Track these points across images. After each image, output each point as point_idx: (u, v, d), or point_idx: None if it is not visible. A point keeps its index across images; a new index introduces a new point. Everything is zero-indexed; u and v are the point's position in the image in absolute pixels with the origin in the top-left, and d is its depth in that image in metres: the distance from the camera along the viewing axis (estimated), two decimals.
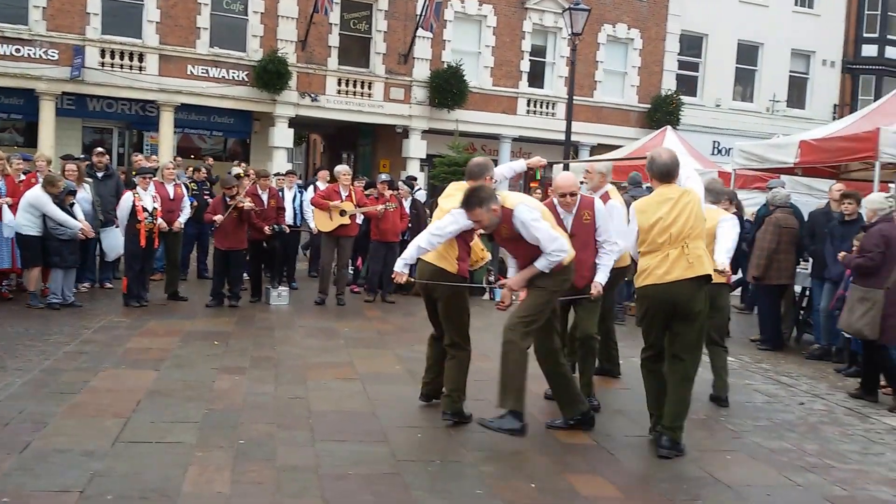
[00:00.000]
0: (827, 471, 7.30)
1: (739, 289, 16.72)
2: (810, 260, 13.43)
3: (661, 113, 35.39)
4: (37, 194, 12.90)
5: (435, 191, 24.70)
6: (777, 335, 13.54)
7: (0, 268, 13.32)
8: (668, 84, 37.02)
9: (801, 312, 14.37)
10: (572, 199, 8.31)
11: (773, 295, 13.34)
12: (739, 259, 14.00)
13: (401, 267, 7.95)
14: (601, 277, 8.39)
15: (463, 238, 8.17)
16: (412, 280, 8.19)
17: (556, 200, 8.36)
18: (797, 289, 14.03)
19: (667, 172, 7.59)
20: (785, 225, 13.00)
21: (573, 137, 24.03)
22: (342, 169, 15.78)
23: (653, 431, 7.79)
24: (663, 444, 7.42)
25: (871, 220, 10.35)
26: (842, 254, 10.82)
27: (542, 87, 35.65)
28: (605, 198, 8.99)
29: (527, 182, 25.64)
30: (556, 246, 7.37)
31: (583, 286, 8.32)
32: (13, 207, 13.14)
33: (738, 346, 13.46)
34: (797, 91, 40.32)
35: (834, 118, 35.55)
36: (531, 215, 7.38)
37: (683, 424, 7.54)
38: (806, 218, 13.57)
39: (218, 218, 13.91)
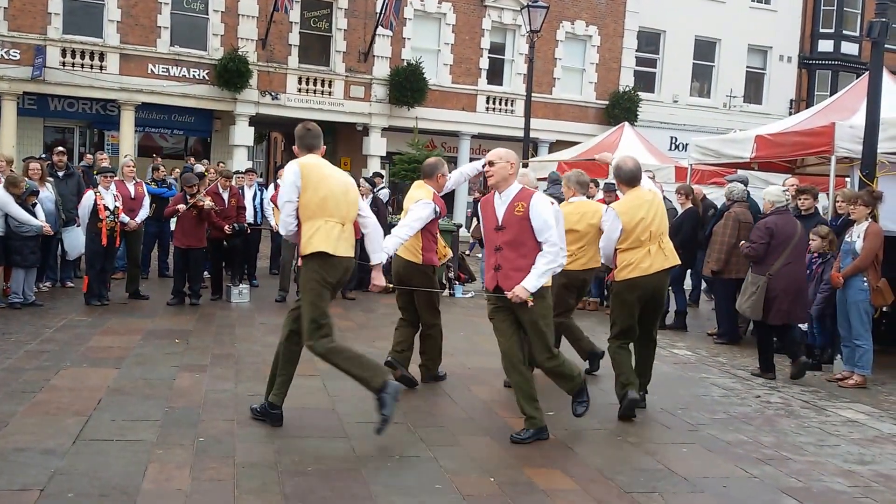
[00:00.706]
0: (783, 463, 7.39)
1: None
2: None
3: (620, 109, 35.62)
4: None
5: (396, 188, 24.74)
6: (734, 329, 13.66)
7: None
8: (627, 80, 37.27)
9: None
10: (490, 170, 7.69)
11: (731, 289, 13.41)
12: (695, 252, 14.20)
13: (382, 259, 8.05)
14: (530, 283, 7.39)
15: (428, 230, 8.76)
16: (390, 287, 8.95)
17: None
18: None
19: (633, 177, 8.56)
20: (743, 219, 13.08)
21: (532, 134, 24.11)
22: None
23: (639, 393, 8.66)
24: (644, 400, 8.80)
25: (767, 212, 11.29)
26: (742, 243, 11.64)
27: (501, 84, 35.85)
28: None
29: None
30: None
31: (509, 288, 7.51)
32: None
33: (695, 339, 13.59)
34: (754, 86, 40.69)
35: (790, 113, 35.85)
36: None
37: None
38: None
39: (181, 207, 13.88)
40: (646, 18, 37.40)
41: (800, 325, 11.82)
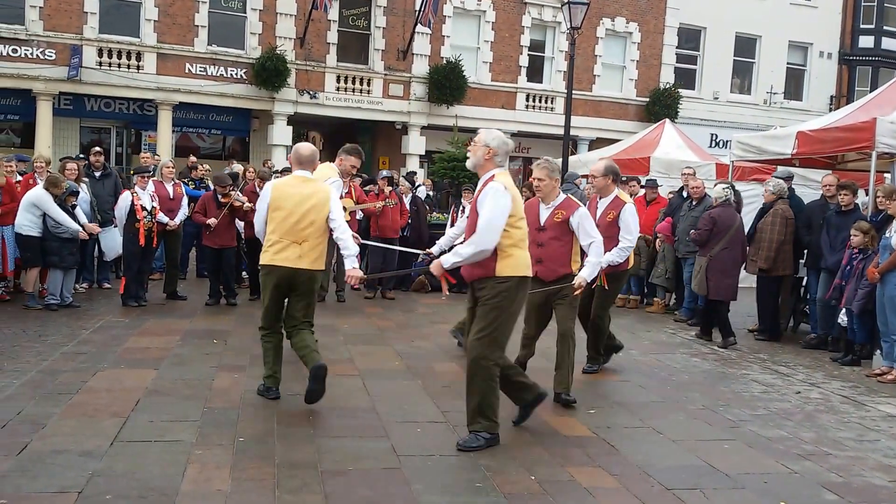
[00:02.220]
0: (823, 458, 7.34)
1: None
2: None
3: (660, 106, 35.35)
4: (38, 194, 12.88)
5: (436, 186, 24.65)
6: (776, 325, 13.59)
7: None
8: (667, 77, 37.03)
9: (798, 302, 14.36)
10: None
11: (776, 286, 13.35)
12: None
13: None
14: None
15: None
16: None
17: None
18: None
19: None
20: (789, 216, 13.10)
21: (572, 132, 23.92)
22: None
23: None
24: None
25: (714, 205, 13.11)
26: (692, 231, 13.55)
27: (540, 81, 35.66)
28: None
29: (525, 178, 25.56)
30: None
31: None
32: (11, 212, 13.09)
33: (737, 336, 13.47)
34: (794, 83, 40.30)
35: (831, 109, 35.54)
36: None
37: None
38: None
39: (212, 221, 13.88)
40: (686, 15, 37.11)
41: (840, 322, 11.89)
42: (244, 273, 15.70)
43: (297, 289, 8.18)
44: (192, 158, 19.37)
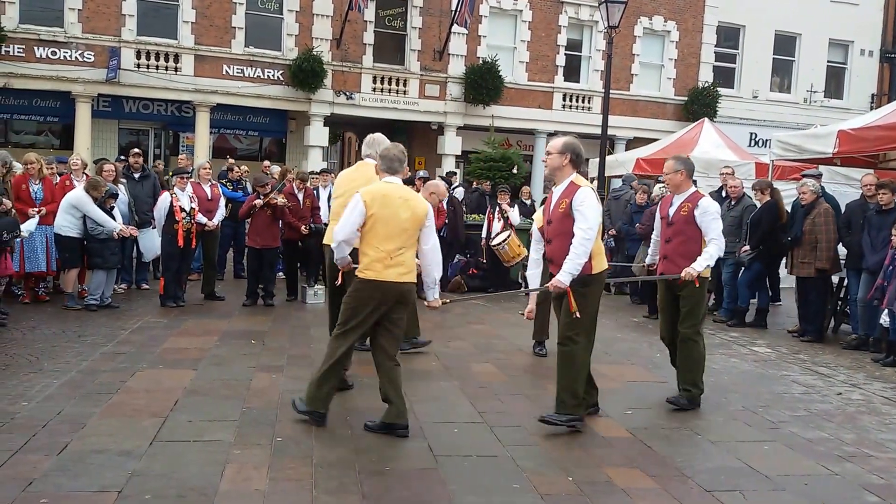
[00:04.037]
0: (865, 460, 7.29)
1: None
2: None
3: (699, 105, 35.09)
4: (78, 195, 12.98)
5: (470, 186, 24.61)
6: (820, 327, 13.49)
7: (36, 270, 13.39)
8: (705, 76, 36.72)
9: (838, 303, 14.25)
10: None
11: (823, 287, 13.31)
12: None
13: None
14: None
15: None
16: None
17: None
18: (833, 279, 13.92)
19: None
20: (833, 215, 13.12)
21: (609, 131, 23.77)
22: None
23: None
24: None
25: (655, 202, 13.88)
26: (638, 225, 14.83)
27: (578, 81, 35.46)
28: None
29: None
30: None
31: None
32: (51, 212, 13.21)
33: (776, 337, 13.46)
34: (835, 81, 39.87)
35: (872, 108, 35.23)
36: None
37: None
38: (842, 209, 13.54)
39: (258, 202, 13.93)
40: (725, 13, 36.81)
41: (882, 323, 11.79)
42: (280, 274, 15.74)
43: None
44: (230, 160, 19.41)
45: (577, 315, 7.51)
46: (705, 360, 8.94)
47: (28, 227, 12.68)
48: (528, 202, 19.32)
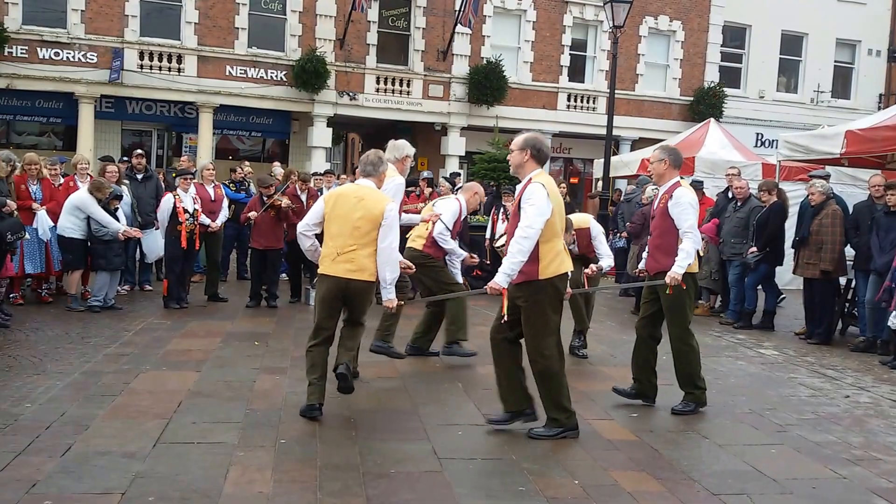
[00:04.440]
0: (873, 463, 7.25)
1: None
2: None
3: (704, 105, 34.96)
4: (82, 196, 12.97)
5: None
6: (828, 329, 13.43)
7: (33, 272, 13.34)
8: (711, 76, 36.61)
9: (846, 305, 14.19)
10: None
11: (831, 289, 13.28)
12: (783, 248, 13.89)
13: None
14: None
15: None
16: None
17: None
18: (841, 281, 13.86)
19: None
20: (841, 216, 13.04)
21: (614, 132, 23.69)
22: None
23: None
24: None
25: (645, 203, 15.26)
26: (628, 224, 16.00)
27: (582, 81, 35.39)
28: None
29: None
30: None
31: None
32: (50, 212, 13.18)
33: (783, 339, 13.42)
34: (842, 81, 39.66)
35: (879, 108, 35.13)
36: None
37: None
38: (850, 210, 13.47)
39: (252, 214, 13.92)
40: (731, 13, 36.68)
41: (890, 325, 11.66)
42: (284, 275, 15.71)
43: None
44: (238, 170, 19.19)
45: (506, 317, 7.39)
46: (700, 358, 8.83)
47: (42, 225, 12.91)
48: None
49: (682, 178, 8.83)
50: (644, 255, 9.35)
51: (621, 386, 8.92)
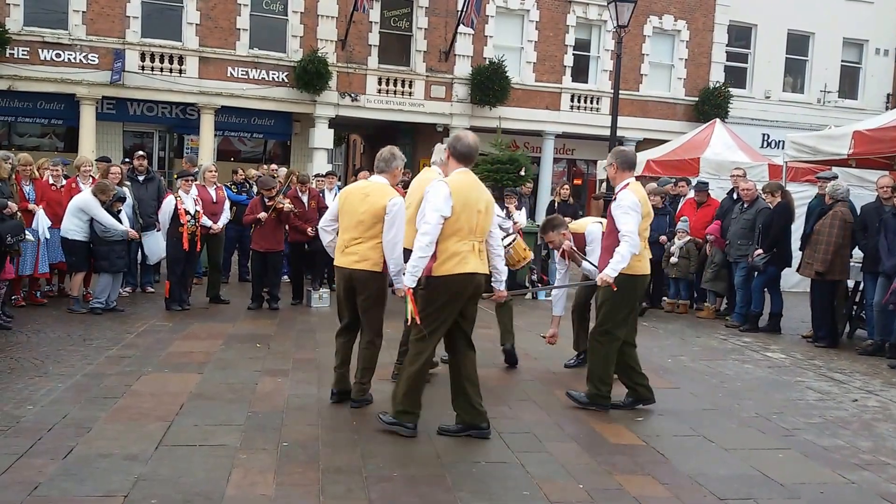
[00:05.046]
0: (881, 468, 7.20)
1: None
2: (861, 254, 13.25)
3: (710, 106, 34.87)
4: (86, 199, 12.95)
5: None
6: (833, 331, 13.34)
7: (22, 274, 13.22)
8: (717, 76, 36.55)
9: (854, 307, 14.12)
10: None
11: (830, 291, 13.17)
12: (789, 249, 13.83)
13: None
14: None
15: None
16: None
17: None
18: (849, 283, 13.79)
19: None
20: (848, 219, 12.92)
21: (618, 133, 23.62)
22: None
23: None
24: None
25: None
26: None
27: (586, 81, 35.37)
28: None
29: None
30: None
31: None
32: (49, 213, 13.13)
33: (790, 342, 13.37)
34: (849, 81, 39.50)
35: (887, 108, 35.07)
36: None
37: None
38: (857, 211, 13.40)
39: (262, 215, 13.88)
40: (736, 12, 36.58)
41: None
42: (285, 278, 15.68)
43: None
44: (240, 172, 19.08)
45: (417, 319, 7.29)
46: (613, 366, 8.57)
47: (42, 225, 12.92)
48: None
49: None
50: None
51: (617, 399, 8.77)
